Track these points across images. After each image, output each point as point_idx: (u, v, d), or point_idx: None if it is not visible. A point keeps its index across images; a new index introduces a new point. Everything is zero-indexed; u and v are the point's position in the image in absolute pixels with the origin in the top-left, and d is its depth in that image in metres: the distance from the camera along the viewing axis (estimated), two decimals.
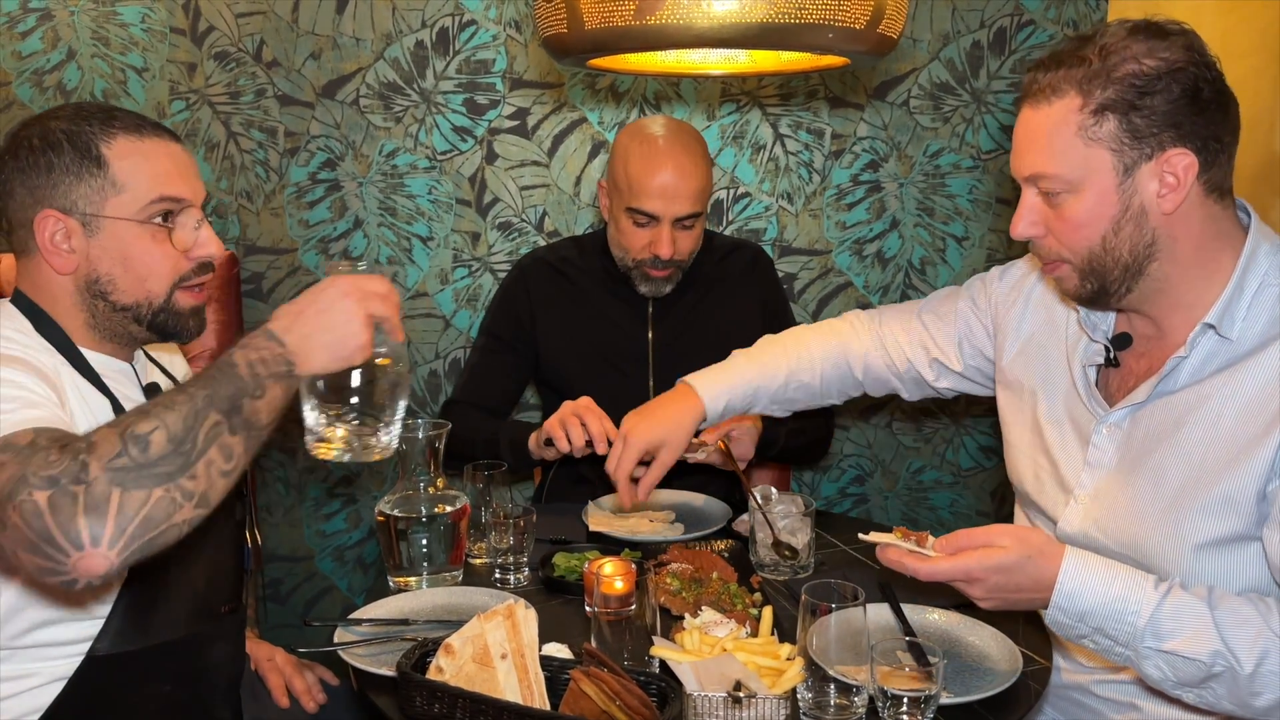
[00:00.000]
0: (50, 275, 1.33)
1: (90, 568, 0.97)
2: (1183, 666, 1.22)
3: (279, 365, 1.11)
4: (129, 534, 0.98)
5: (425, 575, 1.68)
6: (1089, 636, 1.27)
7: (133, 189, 1.32)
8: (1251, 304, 1.32)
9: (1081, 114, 1.28)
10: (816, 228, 2.81)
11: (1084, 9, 2.75)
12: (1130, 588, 1.24)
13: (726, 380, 1.79)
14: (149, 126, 1.36)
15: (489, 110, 2.69)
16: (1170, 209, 1.29)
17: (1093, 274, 1.35)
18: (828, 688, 1.27)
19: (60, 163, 1.29)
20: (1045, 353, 1.58)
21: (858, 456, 2.97)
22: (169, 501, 1.00)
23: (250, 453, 1.09)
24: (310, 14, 2.61)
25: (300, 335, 1.13)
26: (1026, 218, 1.37)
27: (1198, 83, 1.27)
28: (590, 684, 1.20)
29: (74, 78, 2.59)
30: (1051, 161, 1.31)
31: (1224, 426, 1.31)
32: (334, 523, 2.87)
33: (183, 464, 1.02)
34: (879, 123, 2.77)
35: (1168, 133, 1.26)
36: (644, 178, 2.05)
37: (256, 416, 1.09)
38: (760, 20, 1.27)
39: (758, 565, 1.73)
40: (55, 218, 1.30)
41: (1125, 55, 1.27)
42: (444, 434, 1.70)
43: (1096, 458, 1.44)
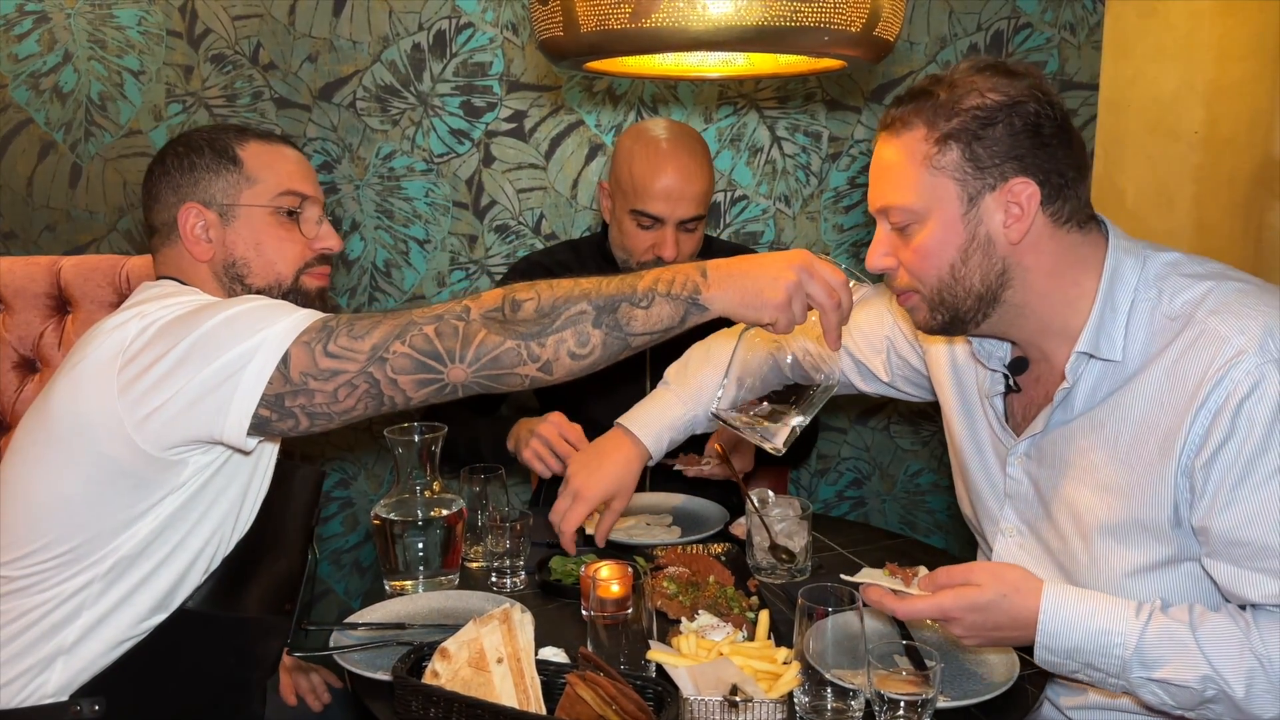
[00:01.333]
0: (193, 263, 1.47)
1: (455, 378, 1.23)
2: (1177, 693, 1.24)
3: (685, 289, 1.23)
4: (482, 362, 1.22)
5: (421, 579, 1.67)
6: (1080, 671, 1.28)
7: (264, 182, 1.48)
8: (1128, 322, 1.33)
9: (927, 144, 1.32)
10: (814, 230, 2.81)
11: (1081, 11, 2.75)
12: (1112, 619, 1.25)
13: (663, 418, 1.80)
14: (277, 137, 1.56)
15: (486, 113, 2.68)
16: (1017, 238, 1.32)
17: (943, 305, 1.37)
18: (824, 692, 1.26)
19: (201, 162, 1.47)
20: (958, 375, 1.59)
21: (855, 460, 2.97)
22: (516, 354, 1.22)
23: (610, 350, 1.24)
24: (307, 17, 2.61)
25: (725, 274, 1.24)
26: (879, 250, 1.40)
27: (1039, 118, 1.30)
28: (586, 688, 1.20)
29: (70, 80, 2.59)
30: (898, 193, 1.35)
31: (1121, 449, 1.33)
32: (330, 526, 2.87)
33: (538, 331, 1.22)
34: (876, 125, 2.77)
35: (1010, 163, 1.30)
36: (648, 180, 2.05)
37: (630, 323, 1.23)
38: (755, 23, 1.27)
39: (755, 569, 1.73)
40: (197, 210, 1.46)
41: (970, 89, 1.31)
42: (440, 437, 1.70)
43: (1014, 489, 1.47)
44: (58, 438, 1.29)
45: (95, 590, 1.31)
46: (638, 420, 1.80)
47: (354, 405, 1.25)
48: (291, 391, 1.22)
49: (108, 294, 2.08)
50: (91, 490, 1.28)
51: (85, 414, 1.26)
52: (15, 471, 1.34)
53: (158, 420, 1.23)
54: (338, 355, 1.22)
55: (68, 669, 1.32)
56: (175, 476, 1.29)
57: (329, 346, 1.23)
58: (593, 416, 2.21)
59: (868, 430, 2.95)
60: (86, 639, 1.32)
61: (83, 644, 1.32)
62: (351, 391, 1.23)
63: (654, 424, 1.79)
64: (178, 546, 1.33)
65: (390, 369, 1.22)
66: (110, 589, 1.31)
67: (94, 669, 1.33)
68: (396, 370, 1.23)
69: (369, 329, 1.24)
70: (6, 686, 1.31)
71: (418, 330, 1.23)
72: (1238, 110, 2.21)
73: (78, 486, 1.28)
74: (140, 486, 1.28)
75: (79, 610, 1.31)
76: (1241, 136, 2.20)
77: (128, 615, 1.33)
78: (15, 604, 1.31)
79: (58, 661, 1.31)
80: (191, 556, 1.35)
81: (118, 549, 1.30)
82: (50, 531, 1.29)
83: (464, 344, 1.22)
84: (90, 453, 1.26)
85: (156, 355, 1.24)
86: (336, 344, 1.23)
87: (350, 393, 1.23)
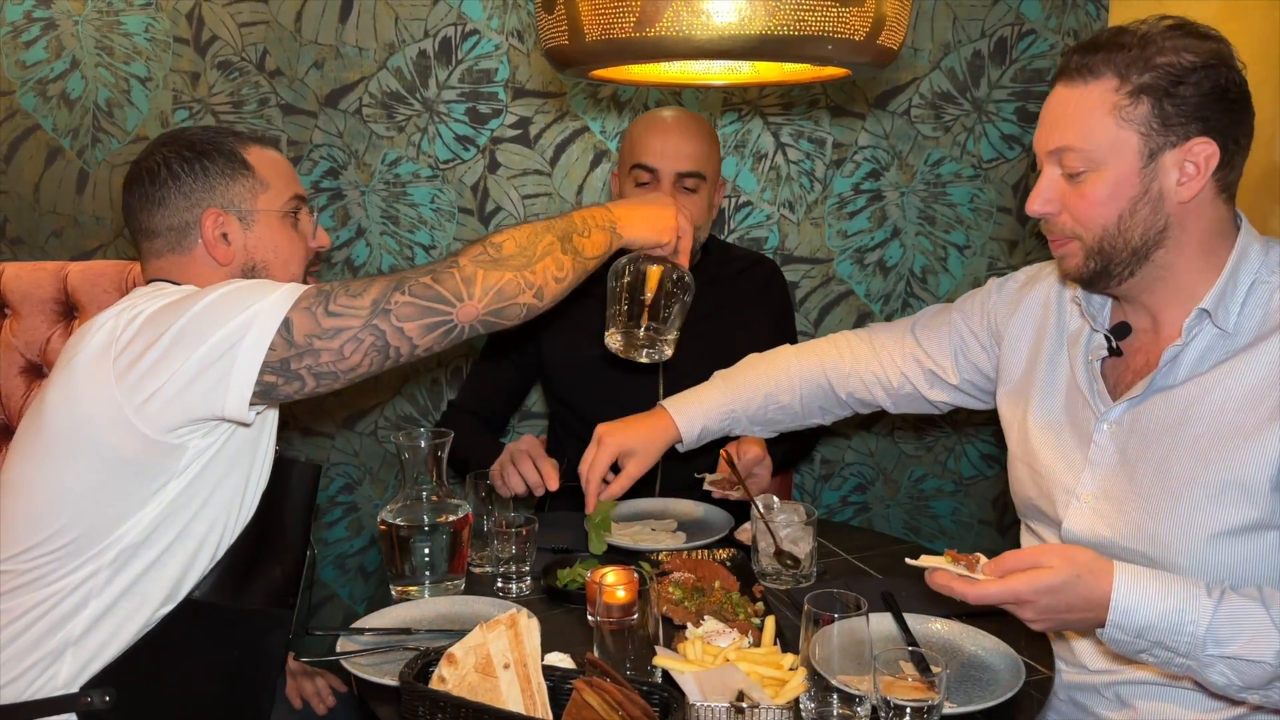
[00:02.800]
0: (213, 268, 1.49)
1: (466, 314, 1.33)
2: (1247, 670, 1.23)
3: (606, 221, 1.48)
4: (490, 295, 1.33)
5: (427, 584, 1.68)
6: (1148, 651, 1.27)
7: (274, 186, 1.53)
8: (1247, 299, 1.37)
9: (1118, 95, 1.32)
10: (818, 236, 2.82)
11: (1085, 18, 2.75)
12: (1185, 598, 1.24)
13: (701, 405, 1.84)
14: (269, 141, 1.60)
15: (491, 119, 2.69)
16: (1187, 197, 1.34)
17: (1099, 253, 1.38)
18: (830, 698, 1.26)
19: (215, 168, 1.49)
20: (1044, 356, 1.59)
21: (859, 465, 2.97)
22: (516, 283, 1.35)
23: (577, 273, 1.43)
24: (313, 23, 2.62)
25: (625, 209, 1.53)
26: (1044, 194, 1.40)
27: (1227, 83, 1.32)
28: (593, 694, 1.20)
29: (78, 87, 2.60)
30: (1081, 137, 1.35)
31: (1228, 416, 1.34)
32: (335, 530, 2.87)
33: (526, 261, 1.36)
34: (880, 132, 2.78)
35: (1195, 124, 1.31)
36: (644, 136, 2.12)
37: (584, 248, 1.44)
38: (759, 32, 1.27)
39: (760, 574, 1.73)
40: (217, 214, 1.48)
41: (1164, 46, 1.32)
42: (447, 443, 1.71)
43: (1098, 456, 1.46)
44: (56, 435, 1.31)
45: (101, 580, 1.32)
46: (678, 402, 1.86)
47: (360, 360, 1.30)
48: (297, 354, 1.27)
49: (114, 299, 2.06)
50: (93, 481, 1.29)
51: (83, 408, 1.28)
52: (16, 471, 1.36)
53: (157, 402, 1.25)
54: (339, 314, 1.28)
55: (77, 660, 1.33)
56: (175, 461, 1.30)
57: (329, 306, 1.28)
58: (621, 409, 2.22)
59: (871, 436, 2.95)
60: (94, 629, 1.33)
61: (91, 634, 1.33)
62: (358, 346, 1.29)
63: (691, 409, 1.84)
64: (181, 534, 1.35)
65: (395, 318, 1.29)
66: (116, 578, 1.32)
67: (103, 660, 1.34)
68: (401, 319, 1.30)
69: (365, 287, 1.30)
70: (18, 680, 1.32)
71: (415, 280, 1.31)
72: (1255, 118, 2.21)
73: (79, 480, 1.30)
74: (141, 474, 1.30)
75: (86, 601, 1.32)
76: None
77: (135, 604, 1.34)
78: (22, 599, 1.32)
79: (67, 653, 1.33)
80: (196, 544, 1.36)
81: (122, 538, 1.31)
82: (52, 524, 1.31)
83: (467, 283, 1.32)
84: (91, 445, 1.28)
85: (149, 341, 1.27)
86: (336, 303, 1.29)
87: (356, 347, 1.29)
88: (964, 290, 2.84)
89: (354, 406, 2.80)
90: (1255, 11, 2.20)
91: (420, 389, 2.82)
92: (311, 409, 2.79)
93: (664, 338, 1.61)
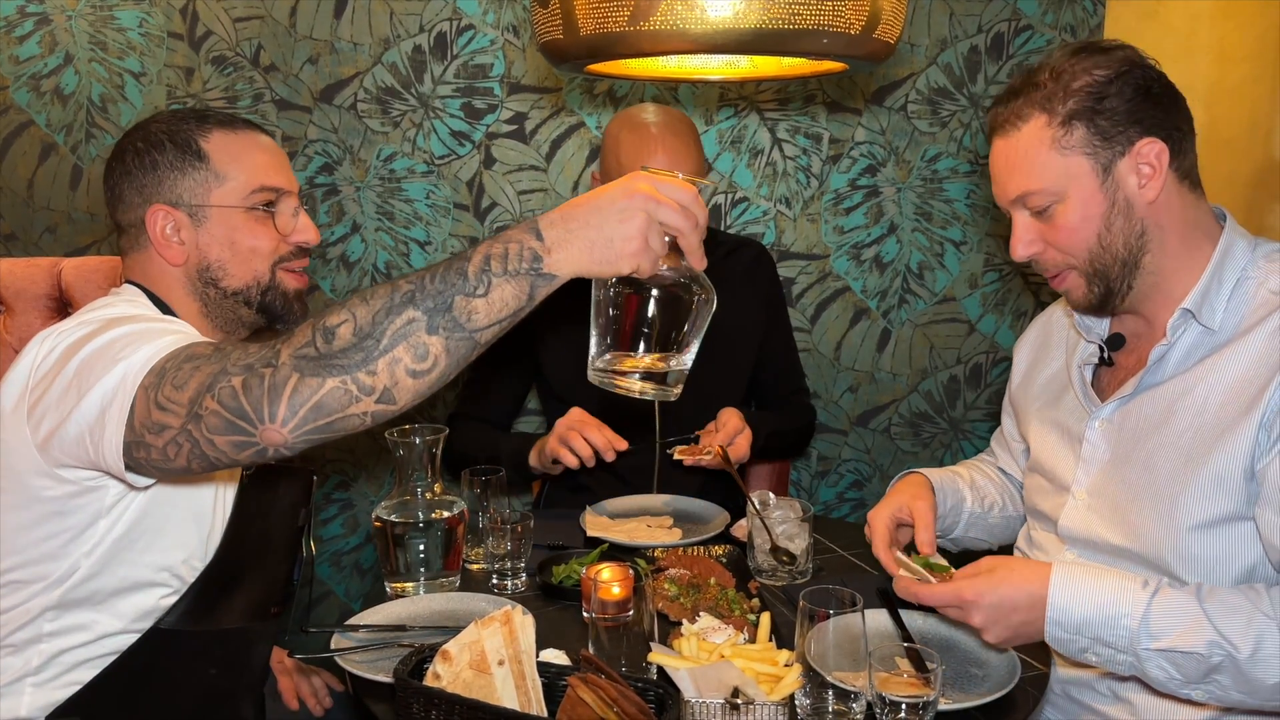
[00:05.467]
0: (163, 267, 1.40)
1: (271, 440, 1.05)
2: (1183, 662, 1.24)
3: (523, 261, 1.03)
4: (300, 416, 1.03)
5: (422, 581, 1.68)
6: (1090, 649, 1.29)
7: (234, 179, 1.40)
8: (1232, 296, 1.39)
9: (1051, 129, 1.37)
10: (814, 232, 2.81)
11: (1081, 14, 2.75)
12: (1120, 591, 1.28)
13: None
14: (241, 122, 1.45)
15: (487, 114, 2.69)
16: (1153, 196, 1.37)
17: (1097, 276, 1.42)
18: (826, 694, 1.26)
19: (164, 160, 1.38)
20: (1043, 372, 1.65)
21: (856, 461, 2.97)
22: (343, 393, 1.03)
23: (457, 355, 1.05)
24: (308, 19, 2.61)
25: (564, 230, 1.04)
26: (1023, 238, 1.44)
27: (1146, 81, 1.37)
28: (588, 690, 1.20)
29: (71, 82, 2.59)
30: (1034, 179, 1.40)
31: (1210, 411, 1.36)
32: (330, 528, 2.87)
33: (362, 359, 1.02)
34: (877, 127, 2.78)
35: (1133, 128, 1.36)
36: (635, 164, 2.04)
37: (471, 318, 1.03)
38: (754, 26, 1.27)
39: (756, 571, 1.73)
40: (165, 211, 1.38)
41: (1075, 71, 1.37)
42: (441, 439, 1.70)
43: (1089, 453, 1.50)
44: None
45: (49, 618, 1.28)
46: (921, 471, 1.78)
47: (186, 465, 1.10)
48: (135, 442, 1.11)
49: None
50: (24, 518, 1.24)
51: (6, 441, 1.23)
52: None
53: (55, 445, 1.17)
54: (164, 408, 1.09)
55: (38, 694, 1.29)
56: (97, 501, 1.23)
57: (158, 396, 1.09)
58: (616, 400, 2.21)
59: (868, 432, 2.95)
60: (51, 663, 1.30)
61: (49, 667, 1.30)
62: (179, 451, 1.09)
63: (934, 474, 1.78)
64: (133, 571, 1.29)
65: (205, 428, 1.06)
66: (65, 615, 1.28)
67: (68, 689, 1.30)
68: (211, 430, 1.06)
69: (189, 376, 1.08)
70: None
71: (226, 382, 1.05)
72: (1237, 112, 2.21)
73: (12, 515, 1.24)
74: (63, 513, 1.23)
75: (38, 637, 1.28)
76: (1241, 138, 2.20)
77: (92, 637, 1.30)
78: None
79: (26, 684, 1.29)
80: (152, 578, 1.31)
81: (63, 579, 1.26)
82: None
83: (272, 398, 1.03)
84: (15, 480, 1.23)
85: (51, 380, 1.18)
86: (162, 394, 1.09)
87: (178, 451, 1.09)
88: (960, 286, 2.86)
89: None
90: (1250, 10, 2.20)
91: None
92: None
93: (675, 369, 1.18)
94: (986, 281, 2.88)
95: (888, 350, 2.89)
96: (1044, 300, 2.87)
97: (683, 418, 2.15)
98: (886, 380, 2.92)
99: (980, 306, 2.89)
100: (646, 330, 1.13)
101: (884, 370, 2.91)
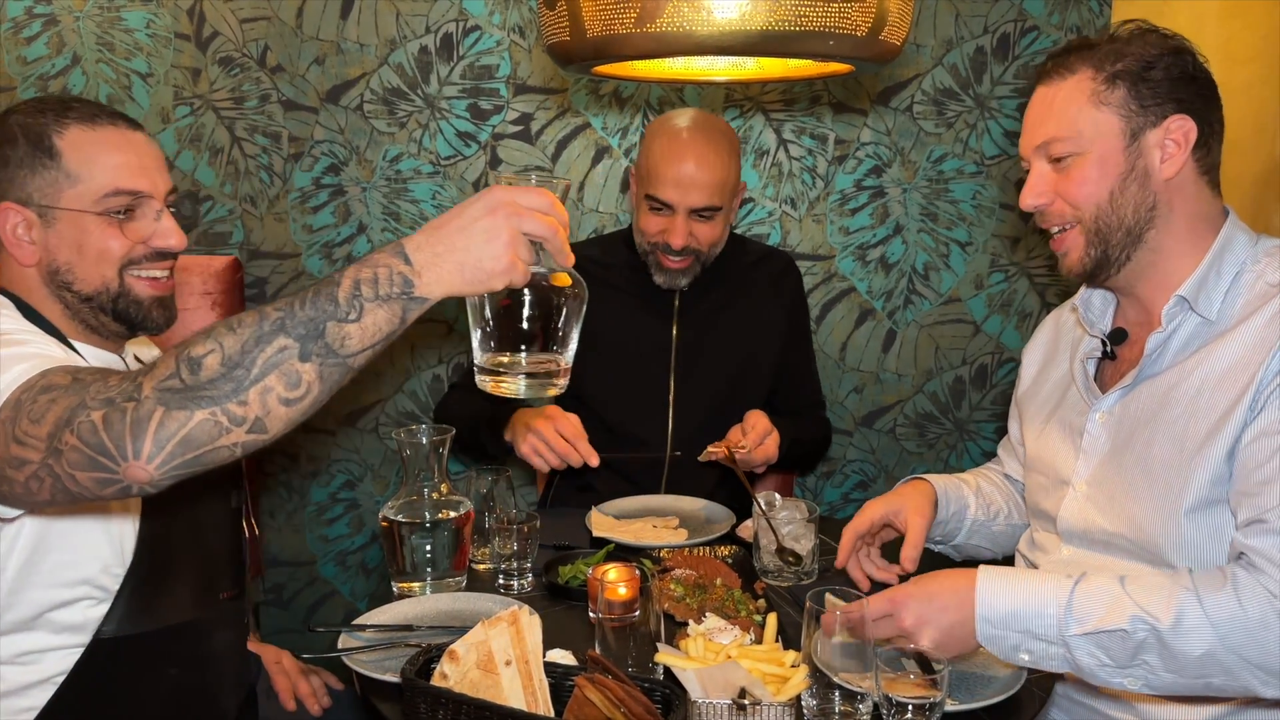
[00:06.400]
0: (18, 268, 1.35)
1: (136, 477, 1.00)
2: (1108, 643, 1.25)
3: (394, 285, 1.02)
4: (167, 451, 0.99)
5: (429, 581, 1.68)
6: (1021, 645, 1.30)
7: (87, 181, 1.33)
8: (1231, 288, 1.41)
9: (1094, 82, 1.41)
10: (820, 233, 2.82)
11: (1087, 15, 2.75)
12: (1043, 581, 1.31)
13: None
14: (105, 115, 1.36)
15: (493, 115, 2.69)
16: (1171, 174, 1.40)
17: (1098, 237, 1.44)
18: (832, 695, 1.26)
19: (15, 156, 1.31)
20: (1053, 375, 1.67)
21: (861, 462, 2.96)
22: (212, 424, 0.99)
23: (330, 381, 1.02)
24: (315, 19, 2.61)
25: (431, 253, 1.04)
26: (1035, 187, 1.47)
27: (1194, 69, 1.42)
28: (595, 691, 1.20)
29: (79, 83, 2.60)
30: (1065, 126, 1.42)
31: (1204, 398, 1.38)
32: (336, 527, 2.87)
33: (232, 389, 0.99)
34: (882, 128, 2.78)
35: (1170, 103, 1.39)
36: (662, 166, 2.06)
37: (343, 343, 1.01)
38: (760, 28, 1.27)
39: (762, 571, 1.73)
40: (15, 210, 1.32)
41: (1131, 41, 1.42)
42: (448, 439, 1.71)
43: (1090, 445, 1.51)
44: None
45: None
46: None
47: (50, 498, 1.06)
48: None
49: None
50: None
51: None
52: None
53: None
54: (23, 442, 1.04)
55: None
56: None
57: (15, 430, 1.05)
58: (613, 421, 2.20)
59: (873, 433, 2.95)
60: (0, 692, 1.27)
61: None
62: (41, 485, 1.04)
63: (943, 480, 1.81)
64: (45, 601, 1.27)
65: (66, 463, 1.01)
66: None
67: (28, 711, 1.28)
68: (72, 466, 1.01)
69: (45, 409, 1.04)
70: None
71: (85, 416, 1.00)
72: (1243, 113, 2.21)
73: None
74: None
75: None
76: (1247, 139, 2.20)
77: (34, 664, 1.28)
78: None
79: None
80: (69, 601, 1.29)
81: None
82: None
83: (135, 433, 0.98)
84: None
85: None
86: (20, 428, 1.04)
87: (40, 486, 1.04)
88: (965, 287, 2.86)
89: (355, 403, 2.80)
90: (1257, 10, 2.19)
91: (421, 386, 2.82)
92: None
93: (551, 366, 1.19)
94: (992, 282, 2.88)
95: (893, 351, 2.89)
96: (1049, 301, 2.87)
97: (700, 423, 2.16)
98: (892, 381, 2.92)
99: (986, 307, 2.89)
100: (524, 333, 1.14)
101: (889, 371, 2.91)
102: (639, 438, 2.19)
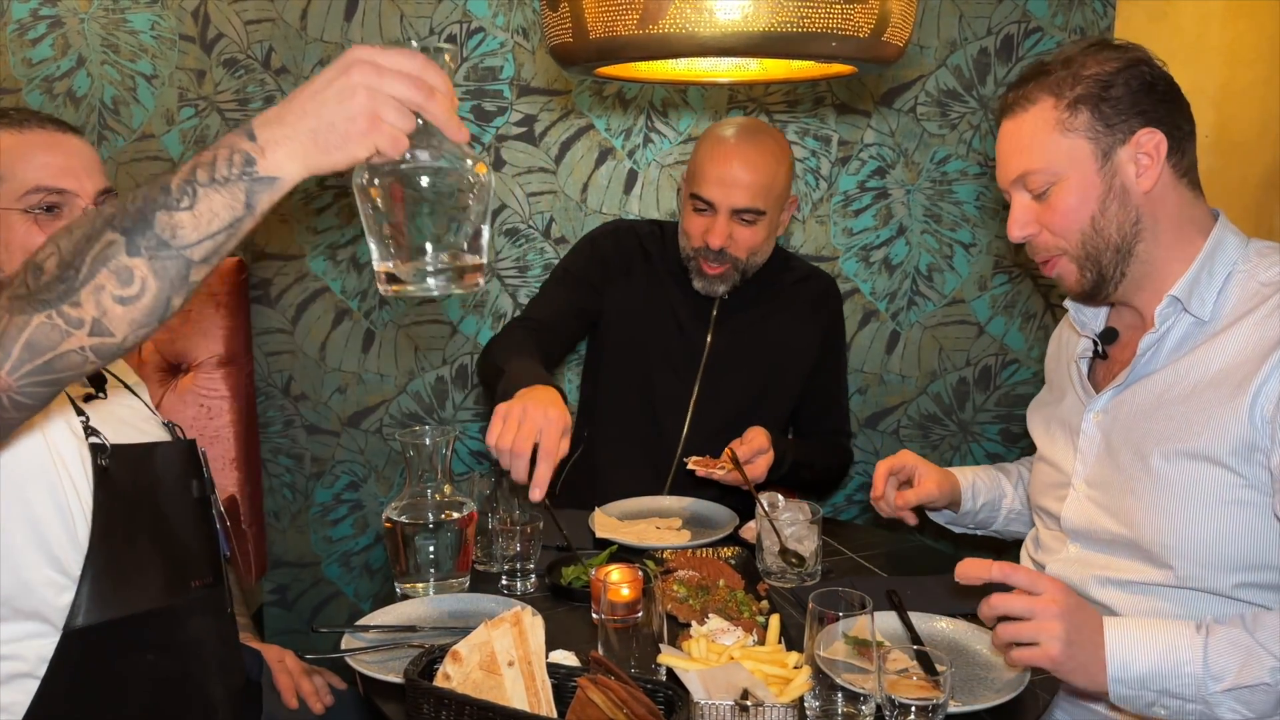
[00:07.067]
0: None
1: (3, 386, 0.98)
2: (1250, 697, 1.24)
3: (233, 166, 0.95)
4: (15, 358, 0.97)
5: (432, 582, 1.68)
6: (1158, 702, 1.29)
7: (11, 180, 1.35)
8: (1224, 288, 1.43)
9: (1057, 111, 1.42)
10: (823, 234, 2.81)
11: (1091, 15, 2.75)
12: (1174, 636, 1.27)
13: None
14: (36, 120, 1.39)
15: (496, 117, 2.69)
16: (1148, 186, 1.42)
17: (1089, 260, 1.46)
18: (835, 696, 1.26)
19: None
20: (1054, 376, 1.70)
21: (864, 464, 2.96)
22: (50, 328, 0.96)
23: (168, 276, 0.96)
24: (319, 21, 2.62)
25: (280, 126, 0.96)
26: (1020, 219, 1.49)
27: (1152, 78, 1.43)
28: (597, 692, 1.20)
29: (84, 85, 2.61)
30: (1035, 158, 1.44)
31: (1197, 397, 1.39)
32: (340, 528, 2.88)
33: (65, 290, 0.95)
34: (886, 129, 2.78)
35: (1135, 118, 1.41)
36: (707, 165, 2.08)
37: (176, 233, 0.95)
38: (763, 29, 1.27)
39: (765, 573, 1.73)
40: None
41: (1086, 61, 1.43)
42: (451, 440, 1.71)
43: (1085, 445, 1.54)
44: None
45: None
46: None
47: None
48: None
49: None
50: None
51: None
52: None
53: None
54: None
55: None
56: None
57: None
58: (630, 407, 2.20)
59: (877, 434, 2.95)
60: None
61: None
62: None
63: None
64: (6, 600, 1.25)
65: None
66: None
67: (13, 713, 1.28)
68: None
69: None
70: None
71: None
72: (1248, 114, 2.21)
73: None
74: None
75: None
76: (1252, 140, 2.19)
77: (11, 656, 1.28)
78: None
79: None
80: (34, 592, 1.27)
81: None
82: None
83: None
84: None
85: None
86: None
87: None
88: (969, 289, 2.85)
89: (359, 404, 2.81)
90: (1261, 11, 2.19)
91: (425, 387, 2.82)
92: (315, 407, 2.79)
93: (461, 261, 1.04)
94: (996, 284, 2.87)
95: (896, 352, 2.89)
96: (1054, 303, 2.86)
97: (715, 431, 2.16)
98: (895, 382, 2.91)
99: (990, 309, 2.89)
100: (422, 222, 1.01)
101: (893, 372, 2.90)
102: (650, 447, 2.20)
